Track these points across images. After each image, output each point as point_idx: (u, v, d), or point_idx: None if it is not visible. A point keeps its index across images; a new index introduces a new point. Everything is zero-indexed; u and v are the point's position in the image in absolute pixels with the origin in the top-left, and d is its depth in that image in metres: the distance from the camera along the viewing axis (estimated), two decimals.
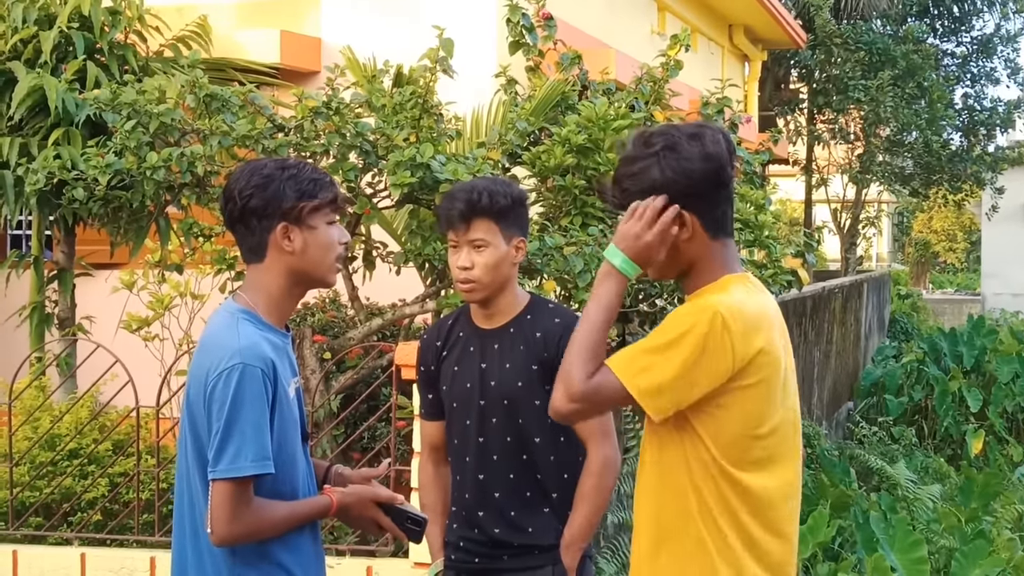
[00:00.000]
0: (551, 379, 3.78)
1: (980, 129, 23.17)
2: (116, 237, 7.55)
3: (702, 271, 2.98)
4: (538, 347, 3.82)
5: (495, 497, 3.87)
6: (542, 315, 3.89)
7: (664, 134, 2.95)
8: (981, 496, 10.18)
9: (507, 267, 3.83)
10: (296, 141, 6.51)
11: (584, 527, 3.82)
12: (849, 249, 23.22)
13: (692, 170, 2.91)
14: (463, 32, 7.33)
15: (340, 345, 6.96)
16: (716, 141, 2.93)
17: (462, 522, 3.95)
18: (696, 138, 2.92)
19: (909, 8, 22.42)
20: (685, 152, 2.91)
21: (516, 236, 3.85)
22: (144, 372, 7.04)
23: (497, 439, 3.86)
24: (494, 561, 3.89)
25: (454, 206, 3.81)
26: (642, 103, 7.47)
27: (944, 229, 44.20)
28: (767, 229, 7.16)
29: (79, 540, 6.54)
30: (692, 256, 2.97)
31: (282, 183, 3.12)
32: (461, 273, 3.82)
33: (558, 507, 3.86)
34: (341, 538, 6.27)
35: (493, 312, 3.89)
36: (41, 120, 7.80)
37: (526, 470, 3.85)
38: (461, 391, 3.91)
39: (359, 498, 3.29)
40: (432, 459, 4.08)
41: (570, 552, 3.81)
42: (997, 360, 16.63)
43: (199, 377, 3.09)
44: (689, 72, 8.65)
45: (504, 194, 3.81)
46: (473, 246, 3.80)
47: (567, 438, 3.85)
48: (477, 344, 3.91)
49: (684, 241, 2.95)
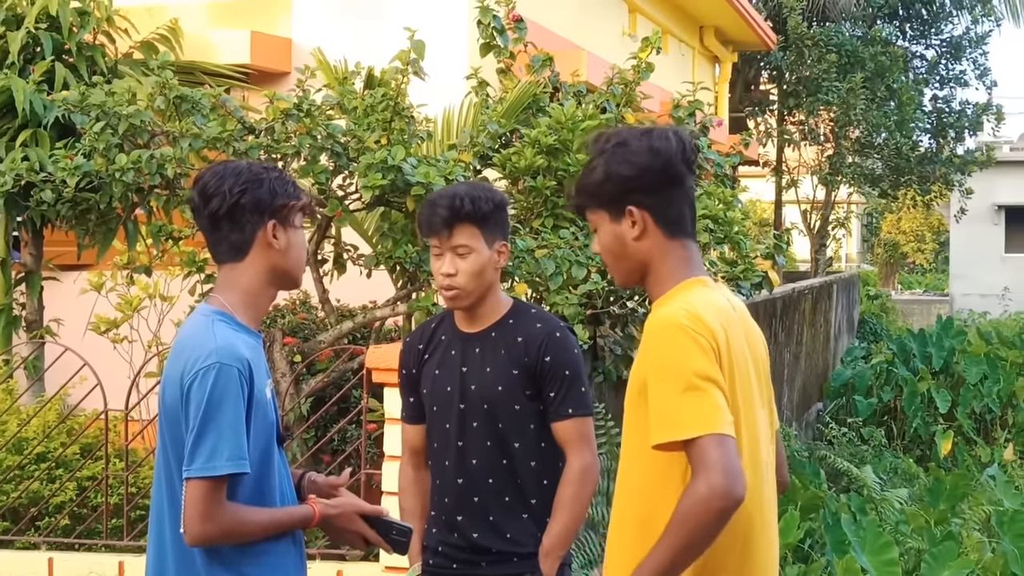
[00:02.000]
0: (532, 384, 3.81)
1: (949, 131, 23.26)
2: (84, 239, 7.51)
3: (661, 274, 2.98)
4: (519, 352, 3.82)
5: (474, 502, 3.86)
6: (525, 320, 3.88)
7: (616, 134, 2.98)
8: (950, 497, 10.21)
9: (490, 272, 3.83)
10: (267, 143, 6.49)
11: (563, 535, 3.80)
12: (819, 250, 23.28)
13: (637, 163, 2.92)
14: (434, 34, 7.32)
15: (311, 348, 6.94)
16: (665, 138, 2.93)
17: (441, 526, 3.93)
18: (645, 135, 2.94)
19: (878, 10, 22.51)
20: (632, 147, 2.92)
21: (498, 240, 3.84)
22: (113, 375, 7.00)
23: (477, 443, 3.84)
24: (472, 567, 3.88)
25: (436, 212, 3.79)
26: (613, 105, 7.47)
27: (913, 230, 44.43)
28: (736, 225, 7.17)
29: (47, 544, 6.49)
30: (647, 256, 2.98)
31: (271, 182, 3.17)
32: (445, 280, 3.81)
33: (537, 513, 3.84)
34: (311, 542, 6.25)
35: (476, 316, 3.89)
36: (8, 121, 7.75)
37: (506, 475, 3.84)
38: (441, 394, 3.89)
39: (343, 511, 3.27)
40: (412, 463, 4.06)
41: (548, 560, 3.80)
42: (965, 361, 16.70)
43: (174, 379, 3.08)
44: (660, 74, 8.66)
45: (486, 199, 3.80)
46: (456, 252, 3.79)
47: (548, 444, 3.85)
48: (459, 348, 3.90)
49: (635, 239, 2.96)
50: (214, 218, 3.16)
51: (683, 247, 2.98)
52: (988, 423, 15.93)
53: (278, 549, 3.17)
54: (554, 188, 6.82)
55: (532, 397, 3.82)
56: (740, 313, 3.04)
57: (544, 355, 3.80)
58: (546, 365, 3.80)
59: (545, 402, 3.82)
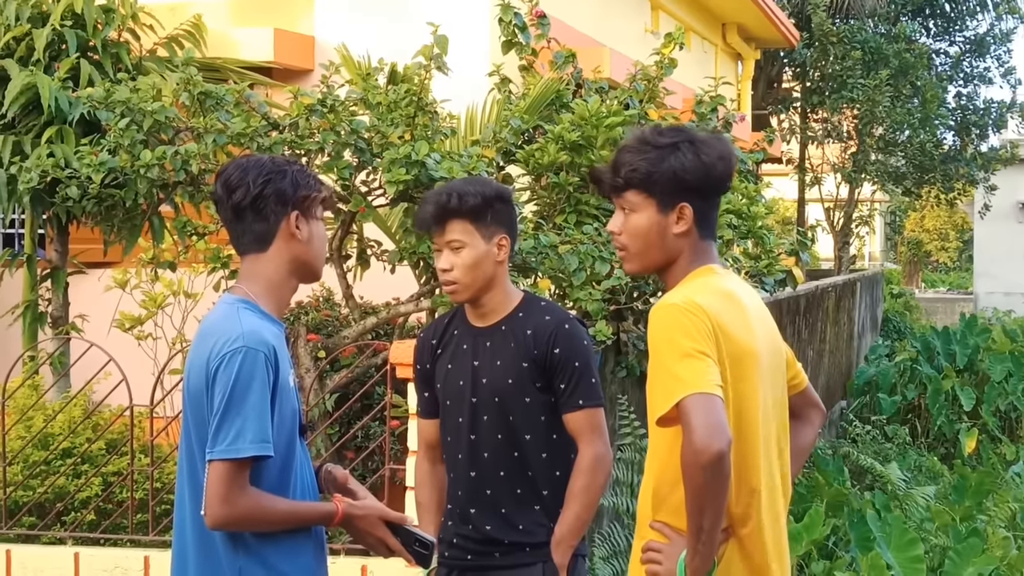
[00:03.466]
0: (542, 376, 3.84)
1: (973, 129, 23.17)
2: (109, 236, 7.53)
3: (680, 267, 3.12)
4: (528, 344, 3.85)
5: (487, 494, 3.89)
6: (534, 313, 3.91)
7: (682, 131, 3.09)
8: (975, 494, 10.17)
9: (489, 265, 3.86)
10: (291, 139, 6.49)
11: (574, 525, 3.82)
12: (842, 248, 23.20)
13: (711, 165, 3.04)
14: (456, 31, 7.32)
15: (334, 344, 6.95)
16: (731, 149, 3.12)
17: (456, 519, 3.97)
18: (717, 140, 3.10)
19: (902, 7, 22.43)
20: (706, 149, 3.05)
21: (498, 234, 3.87)
22: (137, 371, 7.03)
23: (488, 437, 3.88)
24: (486, 558, 3.90)
25: (426, 210, 3.88)
26: (636, 101, 7.46)
27: (936, 228, 44.28)
28: (759, 220, 7.16)
29: (73, 540, 6.52)
30: (679, 251, 3.11)
31: (294, 174, 3.21)
32: (443, 275, 3.87)
33: (549, 504, 3.87)
34: (335, 537, 6.26)
35: (485, 311, 3.92)
36: (34, 118, 7.79)
37: (517, 467, 3.87)
38: (454, 389, 3.93)
39: (367, 514, 3.28)
40: (428, 457, 4.09)
41: (560, 549, 3.82)
42: (990, 359, 16.61)
43: (199, 363, 3.09)
44: (683, 71, 8.64)
45: (475, 193, 3.83)
46: (450, 248, 3.84)
47: (559, 436, 3.88)
48: (470, 342, 3.94)
49: (677, 234, 3.09)
50: (238, 209, 3.18)
51: (709, 247, 3.14)
52: (1013, 421, 15.85)
53: (299, 540, 3.18)
54: (577, 184, 6.82)
55: (542, 389, 3.85)
56: (748, 299, 3.14)
57: (553, 347, 3.83)
58: (556, 357, 3.82)
59: (556, 394, 3.85)
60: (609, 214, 6.78)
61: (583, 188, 6.83)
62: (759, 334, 3.09)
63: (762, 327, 3.13)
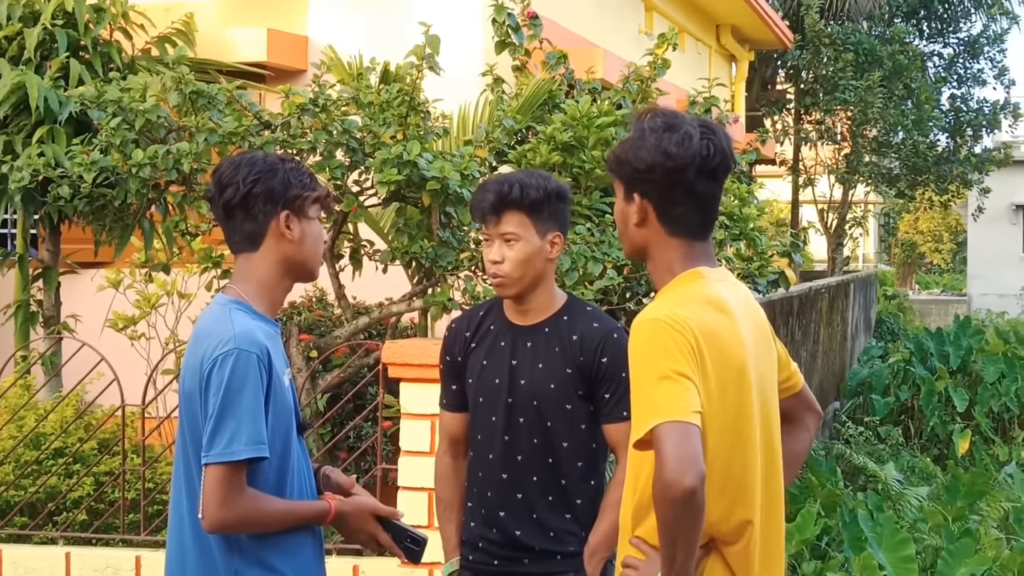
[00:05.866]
0: (584, 384, 3.74)
1: (967, 130, 23.21)
2: (101, 235, 7.52)
3: (660, 266, 2.98)
4: (575, 350, 3.75)
5: (518, 498, 3.79)
6: (580, 317, 3.81)
7: (652, 119, 2.95)
8: (967, 495, 10.19)
9: (540, 262, 3.76)
10: (283, 138, 6.49)
11: (610, 534, 3.67)
12: (836, 249, 23.23)
13: (646, 159, 2.91)
14: (449, 31, 7.32)
15: (326, 344, 6.94)
16: (686, 142, 2.88)
17: (481, 520, 3.86)
18: (670, 131, 2.91)
19: (896, 9, 22.46)
20: (649, 142, 2.90)
21: (552, 231, 3.77)
22: (130, 371, 7.01)
23: (524, 439, 3.78)
24: (514, 564, 3.81)
25: (485, 198, 3.76)
26: (629, 102, 7.46)
27: (930, 230, 44.32)
28: (752, 222, 7.15)
29: (64, 539, 6.51)
30: (644, 242, 2.98)
31: (286, 172, 3.18)
32: (492, 267, 3.76)
33: (581, 514, 3.79)
34: (327, 537, 6.24)
35: (528, 308, 3.82)
36: (25, 118, 7.77)
37: (551, 474, 3.78)
38: (489, 386, 3.82)
39: (358, 509, 3.26)
40: (451, 452, 3.98)
41: (594, 560, 3.73)
42: (983, 360, 16.64)
43: (194, 366, 3.08)
44: (676, 72, 8.64)
45: (537, 187, 3.73)
46: (504, 240, 3.74)
47: (597, 445, 3.79)
48: (509, 339, 3.83)
49: (636, 225, 2.97)
50: (228, 207, 3.17)
51: (685, 245, 2.96)
52: (1006, 422, 15.88)
53: (297, 540, 3.16)
54: (569, 184, 6.80)
55: (583, 397, 3.75)
56: (737, 305, 2.98)
57: (601, 356, 3.73)
58: (603, 366, 3.72)
59: (597, 403, 3.75)
60: (601, 214, 6.80)
61: (575, 188, 6.82)
62: (748, 342, 2.94)
63: (752, 333, 2.98)
